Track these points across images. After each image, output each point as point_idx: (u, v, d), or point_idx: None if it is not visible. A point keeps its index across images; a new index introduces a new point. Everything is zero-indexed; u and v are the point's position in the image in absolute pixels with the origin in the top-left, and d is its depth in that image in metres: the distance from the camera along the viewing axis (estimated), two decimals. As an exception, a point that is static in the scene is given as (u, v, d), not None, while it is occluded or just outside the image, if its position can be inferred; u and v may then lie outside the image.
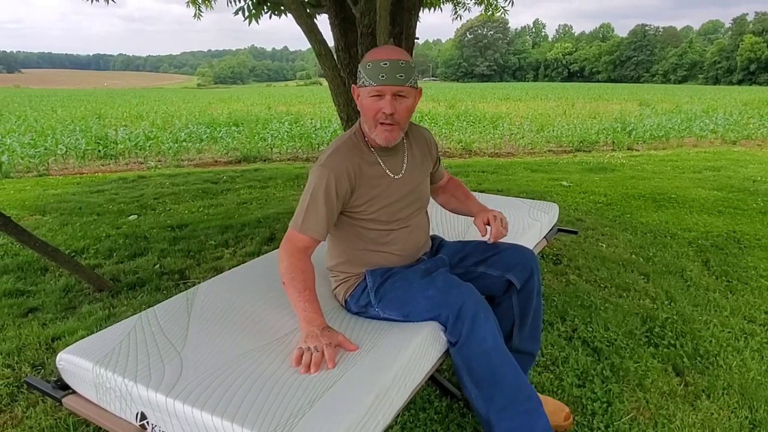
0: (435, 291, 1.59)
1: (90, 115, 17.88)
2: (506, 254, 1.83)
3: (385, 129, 1.63)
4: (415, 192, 1.81)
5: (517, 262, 1.80)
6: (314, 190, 1.61)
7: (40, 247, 3.01)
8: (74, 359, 1.47)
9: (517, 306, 1.81)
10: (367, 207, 1.70)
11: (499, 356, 1.52)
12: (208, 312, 1.72)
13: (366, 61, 1.60)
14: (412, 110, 1.66)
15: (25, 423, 1.99)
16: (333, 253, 1.86)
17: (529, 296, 1.80)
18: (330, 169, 1.62)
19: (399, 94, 1.59)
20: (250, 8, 4.57)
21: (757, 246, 4.06)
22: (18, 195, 6.32)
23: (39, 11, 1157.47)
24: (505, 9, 5.77)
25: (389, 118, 1.60)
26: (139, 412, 1.34)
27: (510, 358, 1.55)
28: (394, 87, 1.56)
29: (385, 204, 1.72)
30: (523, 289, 1.78)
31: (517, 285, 1.77)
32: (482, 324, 1.51)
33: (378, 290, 1.69)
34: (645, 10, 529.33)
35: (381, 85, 1.56)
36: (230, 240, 4.24)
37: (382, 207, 1.71)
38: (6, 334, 2.66)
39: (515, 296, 1.80)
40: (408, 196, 1.78)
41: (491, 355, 1.51)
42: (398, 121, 1.63)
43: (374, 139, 1.68)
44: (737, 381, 2.25)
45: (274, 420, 1.18)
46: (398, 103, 1.59)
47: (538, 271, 1.82)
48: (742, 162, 8.55)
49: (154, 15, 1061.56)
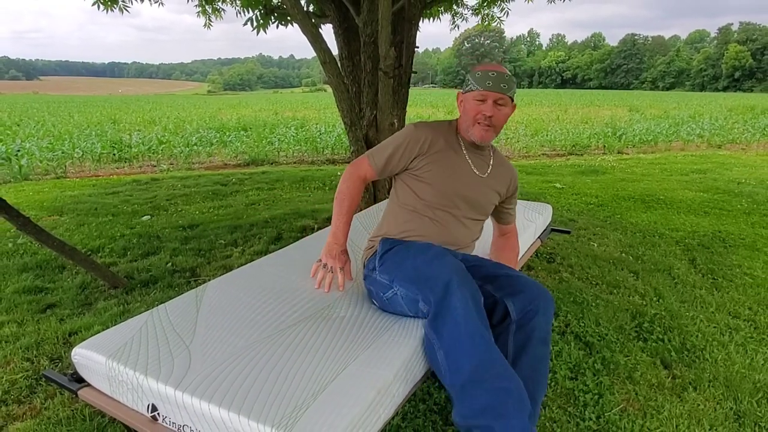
0: (422, 261, 1.61)
1: (105, 121, 17.90)
2: (517, 280, 1.67)
3: (483, 128, 1.76)
4: (477, 197, 1.88)
5: (523, 290, 1.61)
6: (395, 136, 1.85)
7: (57, 246, 3.01)
8: (88, 354, 1.47)
9: (512, 344, 1.56)
10: (430, 171, 1.81)
11: (469, 327, 1.39)
12: (216, 308, 1.72)
13: (476, 70, 1.75)
14: (507, 118, 1.81)
15: (43, 414, 1.99)
16: (382, 221, 1.97)
17: (527, 338, 1.55)
18: (415, 127, 1.83)
19: (499, 102, 1.73)
20: (258, 18, 4.58)
21: (741, 245, 4.05)
22: (37, 196, 6.33)
23: (58, 21, 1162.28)
24: (500, 19, 5.77)
25: (487, 120, 1.74)
26: (150, 404, 1.34)
27: (482, 330, 1.41)
28: (497, 94, 1.71)
29: (449, 174, 1.82)
30: (523, 327, 1.56)
31: (512, 315, 1.58)
32: (455, 292, 1.44)
33: (383, 256, 1.77)
34: (635, 20, 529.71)
35: (486, 90, 1.71)
36: (239, 239, 4.24)
37: (446, 178, 1.81)
38: (25, 329, 2.66)
39: (512, 332, 1.57)
40: (471, 193, 1.85)
41: (461, 325, 1.40)
42: (495, 125, 1.76)
43: (469, 136, 1.82)
44: (722, 374, 2.25)
45: (279, 412, 1.17)
46: (497, 109, 1.74)
47: (546, 316, 1.59)
48: (727, 165, 8.53)
49: (167, 25, 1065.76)
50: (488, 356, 1.37)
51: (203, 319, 1.64)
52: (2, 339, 2.56)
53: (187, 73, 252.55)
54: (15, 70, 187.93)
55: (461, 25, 6.20)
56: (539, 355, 1.54)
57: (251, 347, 1.46)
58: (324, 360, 1.40)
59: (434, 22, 5.98)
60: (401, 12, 3.77)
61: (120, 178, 8.00)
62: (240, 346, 1.47)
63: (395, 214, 1.89)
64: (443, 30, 20.64)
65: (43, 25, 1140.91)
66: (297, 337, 1.52)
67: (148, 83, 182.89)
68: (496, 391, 1.33)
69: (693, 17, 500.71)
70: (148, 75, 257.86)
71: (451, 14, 5.88)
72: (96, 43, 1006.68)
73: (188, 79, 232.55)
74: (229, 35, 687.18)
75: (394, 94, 3.66)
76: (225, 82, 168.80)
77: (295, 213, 5.10)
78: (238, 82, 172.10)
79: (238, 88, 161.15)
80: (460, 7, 5.79)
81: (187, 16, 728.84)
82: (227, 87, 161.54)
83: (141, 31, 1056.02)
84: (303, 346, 1.47)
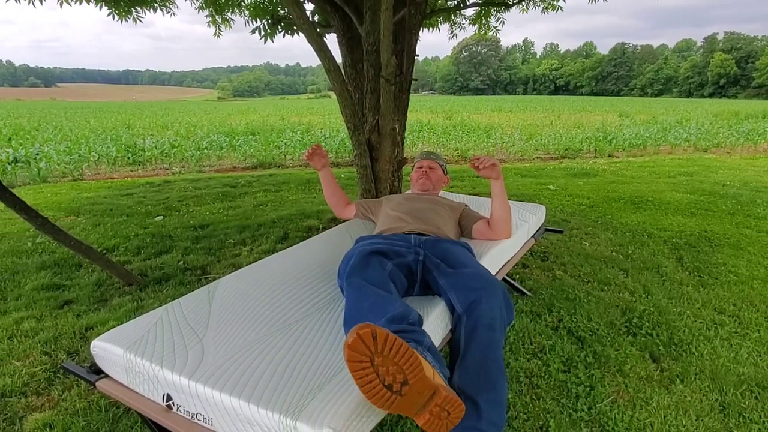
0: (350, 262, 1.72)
1: (120, 126, 17.91)
2: (462, 275, 1.68)
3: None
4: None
5: (466, 283, 1.63)
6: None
7: (74, 245, 3.02)
8: (107, 346, 1.48)
9: (462, 334, 1.52)
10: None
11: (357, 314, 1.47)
12: (227, 303, 1.73)
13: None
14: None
15: (60, 405, 1.99)
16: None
17: (474, 327, 1.51)
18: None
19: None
20: (265, 28, 4.59)
21: (726, 244, 4.05)
22: (55, 198, 6.35)
23: (76, 31, 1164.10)
24: (497, 29, 5.77)
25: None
26: (165, 394, 1.35)
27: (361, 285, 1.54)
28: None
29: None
30: (470, 317, 1.53)
31: (457, 308, 1.58)
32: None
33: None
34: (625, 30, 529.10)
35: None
36: (247, 239, 4.25)
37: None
38: (44, 324, 2.67)
39: (463, 324, 1.54)
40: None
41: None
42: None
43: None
44: (708, 367, 2.25)
45: (287, 401, 1.18)
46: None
47: (489, 303, 1.55)
48: (712, 168, 8.52)
49: (179, 34, 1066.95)
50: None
51: (215, 314, 1.65)
52: (22, 333, 2.57)
53: (198, 80, 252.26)
54: (34, 77, 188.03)
55: (459, 35, 6.22)
56: (485, 341, 1.48)
57: (261, 340, 1.47)
58: (329, 352, 1.40)
59: (433, 32, 6.00)
60: (402, 22, 3.77)
61: (134, 180, 8.01)
62: (250, 339, 1.48)
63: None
64: (442, 39, 20.69)
65: (62, 35, 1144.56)
66: (304, 330, 1.53)
67: (160, 90, 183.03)
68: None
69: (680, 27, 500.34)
70: (160, 82, 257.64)
71: (450, 24, 5.89)
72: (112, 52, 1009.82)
73: (199, 86, 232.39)
74: (238, 44, 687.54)
75: (395, 100, 3.67)
76: (234, 89, 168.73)
77: (301, 214, 5.11)
78: (246, 89, 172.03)
79: (246, 95, 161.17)
80: (458, 18, 5.80)
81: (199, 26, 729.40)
82: (236, 93, 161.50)
83: (155, 40, 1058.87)
84: (310, 339, 1.47)
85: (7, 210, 3.77)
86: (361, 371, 1.10)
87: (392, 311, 1.38)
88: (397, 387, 1.10)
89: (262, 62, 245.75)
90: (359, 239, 2.10)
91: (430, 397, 1.12)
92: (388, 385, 1.10)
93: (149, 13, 4.73)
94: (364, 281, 1.55)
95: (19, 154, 8.53)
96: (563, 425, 1.86)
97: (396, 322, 1.34)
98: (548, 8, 5.22)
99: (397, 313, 1.37)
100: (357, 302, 1.47)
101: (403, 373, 1.10)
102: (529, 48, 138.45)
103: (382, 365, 1.09)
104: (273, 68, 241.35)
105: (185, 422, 1.30)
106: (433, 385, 1.12)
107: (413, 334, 1.33)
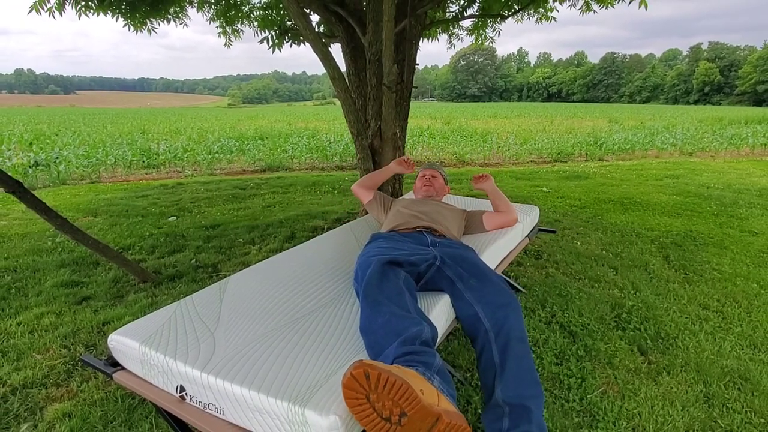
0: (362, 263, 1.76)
1: (135, 131, 17.93)
2: (487, 287, 1.69)
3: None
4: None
5: (492, 300, 1.63)
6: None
7: (92, 244, 3.03)
8: (123, 339, 1.49)
9: (496, 350, 1.52)
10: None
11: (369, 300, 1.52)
12: (237, 299, 1.73)
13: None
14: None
15: (79, 396, 2.00)
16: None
17: (507, 340, 1.53)
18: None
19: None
20: (273, 38, 4.60)
21: (710, 243, 4.05)
22: (73, 199, 6.36)
23: (94, 41, 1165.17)
24: (493, 39, 5.77)
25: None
26: (179, 385, 1.35)
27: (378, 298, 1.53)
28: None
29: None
30: (500, 333, 1.55)
31: (485, 324, 1.57)
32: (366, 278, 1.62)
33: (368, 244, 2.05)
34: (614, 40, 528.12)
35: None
36: (256, 238, 4.25)
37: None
38: (63, 319, 2.68)
39: (493, 340, 1.54)
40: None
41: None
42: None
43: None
44: (693, 360, 2.25)
45: (294, 390, 1.18)
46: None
47: (517, 318, 1.59)
48: (697, 171, 8.51)
49: (193, 44, 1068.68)
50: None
51: (226, 309, 1.65)
52: (42, 328, 2.58)
53: (210, 87, 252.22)
54: (54, 85, 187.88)
55: (457, 45, 6.25)
56: (520, 353, 1.50)
57: (270, 334, 1.47)
58: (336, 345, 1.41)
59: (433, 42, 6.02)
60: (403, 33, 3.78)
61: (149, 182, 8.02)
62: (260, 332, 1.48)
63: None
64: (441, 49, 20.71)
65: (81, 44, 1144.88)
66: (311, 325, 1.53)
67: (174, 97, 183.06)
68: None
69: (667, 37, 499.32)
70: (174, 89, 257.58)
71: (448, 35, 5.89)
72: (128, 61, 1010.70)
73: (210, 93, 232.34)
74: (247, 53, 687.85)
75: (396, 107, 3.67)
76: (244, 96, 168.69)
77: (307, 214, 5.11)
78: (255, 96, 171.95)
79: (255, 102, 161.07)
80: (456, 28, 5.81)
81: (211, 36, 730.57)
82: (246, 100, 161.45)
83: (169, 49, 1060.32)
84: (317, 333, 1.48)
85: (28, 211, 3.77)
86: (358, 407, 1.09)
87: (405, 333, 1.35)
88: (395, 419, 1.09)
89: (270, 71, 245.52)
90: (374, 236, 2.14)
91: (433, 423, 1.09)
92: (387, 418, 1.09)
93: (163, 24, 4.75)
94: (380, 293, 1.52)
95: (39, 157, 8.54)
96: (556, 414, 1.86)
97: (408, 344, 1.32)
98: (542, 19, 5.21)
99: (410, 334, 1.35)
100: (371, 315, 1.45)
101: (400, 407, 1.08)
102: (524, 57, 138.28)
103: (378, 401, 1.08)
104: (280, 76, 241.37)
105: (198, 412, 1.31)
106: (435, 412, 1.09)
107: (423, 356, 1.29)
